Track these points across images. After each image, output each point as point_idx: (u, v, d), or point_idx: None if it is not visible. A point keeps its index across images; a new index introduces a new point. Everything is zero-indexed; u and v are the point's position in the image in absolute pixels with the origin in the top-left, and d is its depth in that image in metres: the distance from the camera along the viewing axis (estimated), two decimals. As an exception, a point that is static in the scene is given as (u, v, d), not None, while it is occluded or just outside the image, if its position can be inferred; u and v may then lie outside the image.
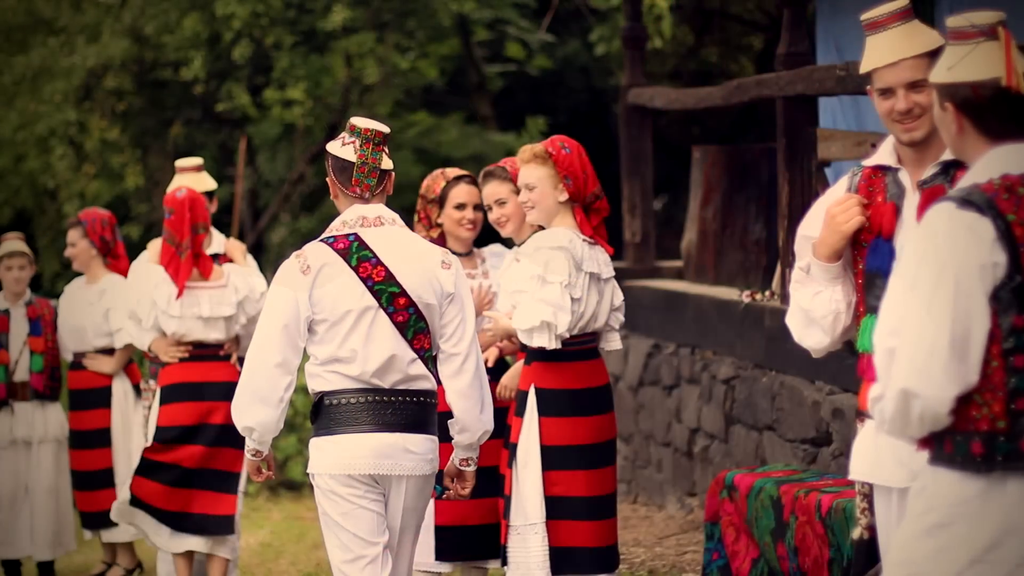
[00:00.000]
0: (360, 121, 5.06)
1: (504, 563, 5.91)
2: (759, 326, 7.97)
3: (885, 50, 4.13)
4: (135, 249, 9.02)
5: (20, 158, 16.39)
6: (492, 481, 6.18)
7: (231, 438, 6.70)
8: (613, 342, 6.02)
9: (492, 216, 6.32)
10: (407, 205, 18.93)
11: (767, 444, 7.83)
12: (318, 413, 5.02)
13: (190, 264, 7.18)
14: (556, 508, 5.81)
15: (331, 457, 4.98)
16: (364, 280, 4.94)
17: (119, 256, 8.67)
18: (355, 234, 4.99)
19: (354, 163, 5.01)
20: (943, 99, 3.41)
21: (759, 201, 9.20)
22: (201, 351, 7.27)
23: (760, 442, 7.93)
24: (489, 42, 19.65)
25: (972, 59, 3.36)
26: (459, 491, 5.29)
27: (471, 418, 5.13)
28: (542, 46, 19.26)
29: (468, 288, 5.18)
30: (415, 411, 5.00)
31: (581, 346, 5.88)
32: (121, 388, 8.62)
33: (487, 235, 6.90)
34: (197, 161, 7.88)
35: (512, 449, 5.89)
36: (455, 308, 5.07)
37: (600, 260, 5.89)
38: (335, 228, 5.06)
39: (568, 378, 5.84)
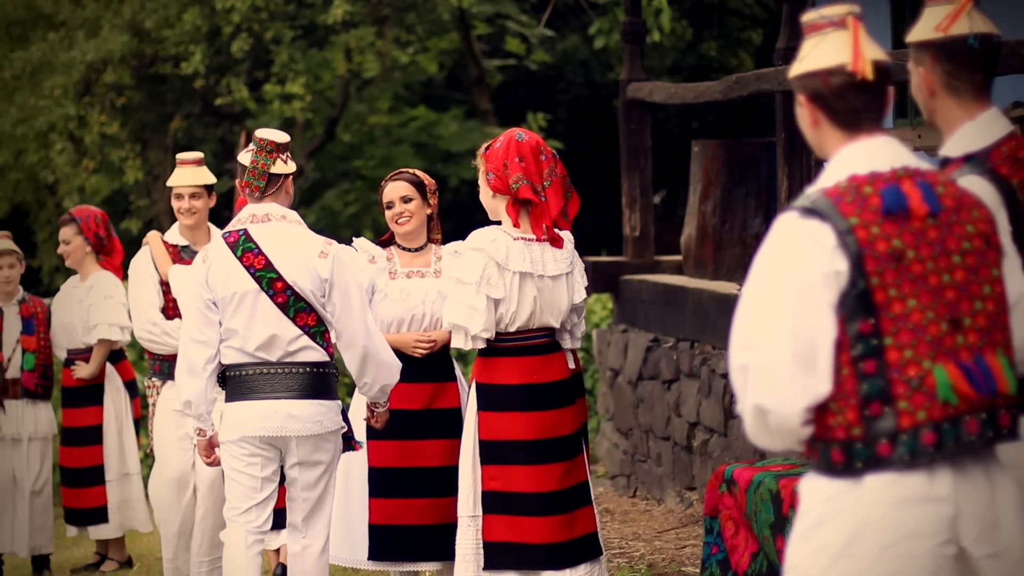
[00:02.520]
0: (259, 132, 5.83)
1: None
2: (758, 320, 7.97)
3: None
4: (135, 244, 8.99)
5: (20, 153, 16.40)
6: (427, 482, 6.16)
7: None
8: (566, 342, 5.95)
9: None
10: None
11: (766, 438, 7.84)
12: (224, 383, 5.77)
13: None
14: (493, 503, 5.73)
15: (228, 421, 5.73)
16: (247, 268, 5.67)
17: (112, 253, 8.66)
18: (244, 229, 5.74)
19: (246, 168, 5.78)
20: (798, 92, 3.35)
21: (758, 195, 9.20)
22: None
23: (759, 436, 7.94)
24: (489, 36, 19.67)
25: (821, 48, 3.31)
26: (373, 424, 6.03)
27: (369, 379, 5.81)
28: (541, 40, 19.26)
29: (350, 272, 5.78)
30: (302, 380, 5.68)
31: (526, 342, 5.80)
32: (112, 385, 8.62)
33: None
34: (197, 155, 7.89)
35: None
36: (336, 292, 5.72)
37: (541, 258, 5.79)
38: (232, 224, 5.81)
39: (508, 373, 5.78)
